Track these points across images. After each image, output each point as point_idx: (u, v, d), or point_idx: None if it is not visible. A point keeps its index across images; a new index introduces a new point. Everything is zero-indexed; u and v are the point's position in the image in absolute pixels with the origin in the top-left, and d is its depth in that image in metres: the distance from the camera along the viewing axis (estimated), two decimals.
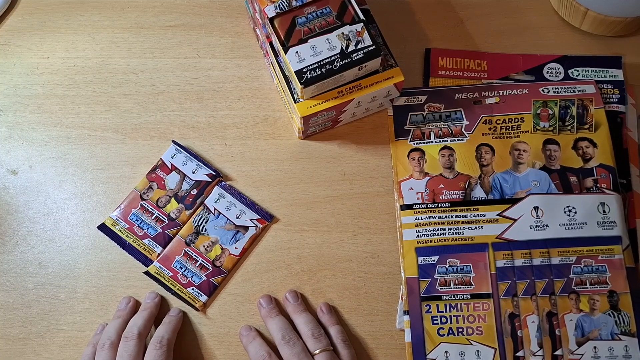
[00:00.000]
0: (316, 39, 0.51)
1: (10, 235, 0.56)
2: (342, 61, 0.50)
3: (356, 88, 0.53)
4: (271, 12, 0.52)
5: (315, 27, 0.51)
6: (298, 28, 0.51)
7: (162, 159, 0.57)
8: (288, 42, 0.51)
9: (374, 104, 0.57)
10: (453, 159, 0.56)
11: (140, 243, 0.54)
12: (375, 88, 0.53)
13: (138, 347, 0.48)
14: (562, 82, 0.58)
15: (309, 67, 0.50)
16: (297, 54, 0.51)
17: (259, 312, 0.52)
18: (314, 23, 0.52)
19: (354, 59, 0.50)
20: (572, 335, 0.50)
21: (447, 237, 0.53)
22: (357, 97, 0.53)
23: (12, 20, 0.65)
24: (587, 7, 0.59)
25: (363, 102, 0.55)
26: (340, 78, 0.51)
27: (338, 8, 0.52)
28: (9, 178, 0.58)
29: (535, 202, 0.53)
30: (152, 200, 0.56)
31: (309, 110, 0.52)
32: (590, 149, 0.55)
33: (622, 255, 0.52)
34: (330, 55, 0.50)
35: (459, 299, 0.51)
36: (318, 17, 0.52)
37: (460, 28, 0.63)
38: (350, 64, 0.50)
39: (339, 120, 0.57)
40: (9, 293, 0.54)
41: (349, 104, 0.53)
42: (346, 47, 0.51)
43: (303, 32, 0.51)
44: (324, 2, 0.52)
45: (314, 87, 0.50)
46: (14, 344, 0.52)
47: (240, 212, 0.55)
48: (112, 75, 0.62)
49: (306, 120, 0.53)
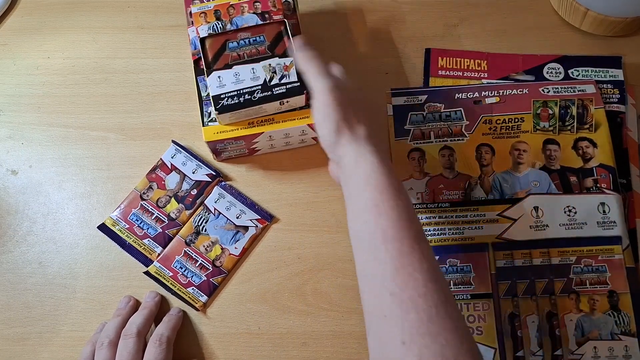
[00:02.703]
0: (241, 66, 0.50)
1: (10, 235, 0.56)
2: (262, 93, 0.50)
3: (268, 122, 0.52)
4: (204, 32, 0.52)
5: (245, 54, 0.51)
6: (227, 52, 0.51)
7: (162, 159, 0.57)
8: (214, 64, 0.50)
9: (294, 140, 0.55)
10: (453, 159, 0.56)
11: (140, 243, 0.54)
12: (288, 125, 0.52)
13: (137, 345, 0.48)
14: (562, 82, 0.58)
15: (228, 94, 0.50)
16: (218, 78, 0.50)
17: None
18: (245, 50, 0.51)
19: (274, 93, 0.50)
20: (572, 336, 0.50)
21: (447, 237, 0.53)
22: (266, 131, 0.51)
23: (12, 20, 0.65)
24: (587, 7, 0.59)
25: (276, 137, 0.54)
26: (260, 110, 0.50)
27: (273, 38, 0.51)
28: (9, 178, 0.58)
29: (535, 202, 0.53)
30: (152, 200, 0.56)
31: (215, 136, 0.51)
32: (590, 149, 0.55)
33: (622, 255, 0.52)
34: (251, 85, 0.50)
35: (459, 299, 0.51)
36: (250, 44, 0.51)
37: (460, 28, 0.63)
38: (271, 97, 0.50)
39: (256, 149, 0.56)
40: (9, 293, 0.54)
41: (259, 136, 0.52)
42: (270, 79, 0.50)
43: (231, 57, 0.51)
44: (260, 30, 0.52)
45: (229, 115, 0.50)
46: (14, 344, 0.52)
47: (240, 212, 0.55)
48: (112, 75, 0.62)
49: (212, 145, 0.53)
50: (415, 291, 0.37)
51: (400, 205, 0.41)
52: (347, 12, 0.64)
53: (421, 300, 0.37)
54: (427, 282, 0.38)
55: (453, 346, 0.36)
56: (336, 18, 0.64)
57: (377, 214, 0.40)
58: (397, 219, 0.40)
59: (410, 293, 0.37)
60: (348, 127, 0.45)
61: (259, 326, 0.52)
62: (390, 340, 0.37)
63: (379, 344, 0.38)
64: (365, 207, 0.41)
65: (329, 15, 0.64)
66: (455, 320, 0.37)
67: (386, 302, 0.38)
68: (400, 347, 0.36)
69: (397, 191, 0.41)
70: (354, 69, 0.61)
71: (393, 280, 0.38)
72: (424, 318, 0.36)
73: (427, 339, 0.36)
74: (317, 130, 0.47)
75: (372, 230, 0.40)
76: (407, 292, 0.37)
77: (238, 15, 0.53)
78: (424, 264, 0.38)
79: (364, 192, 0.42)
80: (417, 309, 0.37)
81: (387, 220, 0.40)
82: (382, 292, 0.38)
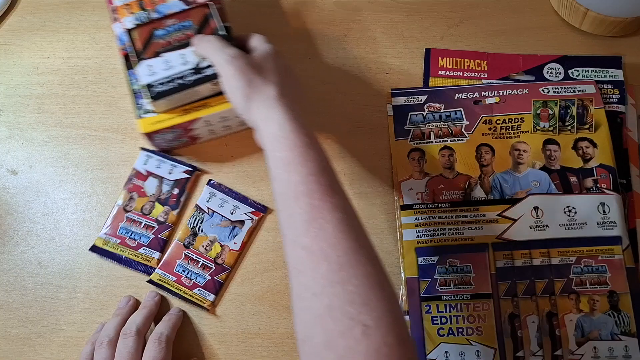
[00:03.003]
0: (171, 53, 0.50)
1: (10, 235, 0.56)
2: (194, 76, 0.50)
3: (203, 107, 0.52)
4: (130, 23, 0.51)
5: (173, 40, 0.51)
6: (155, 41, 0.51)
7: (135, 168, 0.57)
8: (143, 54, 0.50)
9: (233, 122, 0.55)
10: (453, 159, 0.56)
11: (137, 254, 0.54)
12: (222, 107, 0.52)
13: (137, 344, 0.48)
14: (562, 82, 0.58)
15: (160, 81, 0.49)
16: (149, 67, 0.50)
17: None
18: (173, 36, 0.51)
19: (206, 74, 0.50)
20: (572, 336, 0.50)
21: (447, 237, 0.53)
22: (202, 115, 0.51)
23: (12, 20, 0.66)
24: (587, 7, 0.59)
25: (214, 122, 0.53)
26: (194, 93, 0.50)
27: (200, 22, 0.51)
28: (9, 178, 0.58)
29: (535, 202, 0.53)
30: (137, 210, 0.56)
31: (151, 127, 0.51)
32: (590, 149, 0.55)
33: (622, 255, 0.52)
34: (182, 70, 0.50)
35: (459, 299, 0.51)
36: (177, 30, 0.51)
37: (460, 28, 0.63)
38: (203, 79, 0.50)
39: (196, 137, 0.56)
40: (9, 293, 0.54)
41: (196, 122, 0.52)
42: (200, 62, 0.50)
43: (160, 45, 0.51)
44: (186, 15, 0.52)
45: (164, 101, 0.50)
46: (14, 344, 0.52)
47: (233, 208, 0.55)
48: (112, 75, 0.62)
49: (150, 137, 0.52)
50: (325, 242, 0.38)
51: (310, 160, 0.41)
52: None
53: (331, 250, 0.37)
54: (337, 232, 0.38)
55: (362, 292, 0.36)
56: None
57: (288, 171, 0.41)
58: (307, 173, 0.41)
59: (321, 245, 0.38)
60: (256, 91, 0.45)
61: (259, 326, 0.52)
62: (303, 292, 0.38)
63: (296, 299, 0.39)
64: (278, 166, 0.42)
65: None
66: (367, 266, 0.37)
67: (300, 256, 0.39)
68: (311, 299, 0.37)
69: (306, 147, 0.42)
70: (354, 69, 0.61)
71: (305, 234, 0.39)
72: (335, 268, 0.37)
73: (337, 288, 0.36)
74: (231, 102, 0.47)
75: (285, 188, 0.41)
76: (318, 244, 0.38)
77: (162, 3, 0.53)
78: (335, 214, 0.39)
79: (276, 152, 0.43)
80: (329, 260, 0.37)
81: (297, 176, 0.41)
82: (295, 248, 0.39)
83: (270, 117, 0.44)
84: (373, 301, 0.36)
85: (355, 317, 0.35)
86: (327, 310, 0.36)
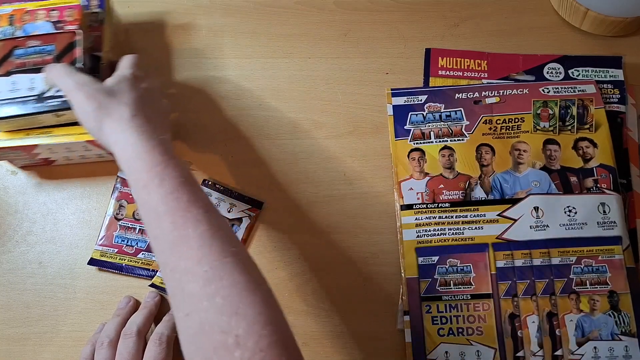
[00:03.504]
0: (21, 75, 0.49)
1: (10, 235, 0.56)
2: (35, 104, 0.49)
3: (45, 134, 0.51)
4: None
5: (29, 62, 0.50)
6: (12, 59, 0.50)
7: (119, 176, 0.57)
8: None
9: (89, 154, 0.54)
10: (453, 159, 0.56)
11: (136, 259, 0.54)
12: (66, 139, 0.51)
13: (137, 345, 0.48)
14: (562, 82, 0.58)
15: (1, 101, 0.49)
16: None
17: None
18: (30, 58, 0.50)
19: (47, 105, 0.49)
20: (572, 336, 0.50)
21: (447, 237, 0.53)
22: (42, 143, 0.51)
23: None
24: (587, 7, 0.59)
25: (59, 150, 0.53)
26: (35, 120, 0.50)
27: (63, 48, 0.50)
28: (9, 178, 0.58)
29: (536, 202, 0.53)
30: (129, 217, 0.55)
31: None
32: (591, 149, 0.55)
33: (622, 255, 0.52)
34: (26, 95, 0.49)
35: (459, 299, 0.51)
36: (37, 53, 0.50)
37: (460, 28, 0.63)
38: (43, 109, 0.49)
39: (50, 160, 0.55)
40: (9, 293, 0.54)
41: (36, 148, 0.51)
42: (46, 91, 0.49)
43: (15, 64, 0.50)
44: (52, 39, 0.51)
45: (3, 122, 0.49)
46: (14, 344, 0.52)
47: (230, 206, 0.55)
48: None
49: None
50: (190, 260, 0.38)
51: (166, 179, 0.41)
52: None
53: (197, 267, 0.37)
54: (201, 246, 0.38)
55: (232, 301, 0.36)
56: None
57: (147, 194, 0.41)
58: (164, 193, 0.40)
59: (187, 263, 0.38)
60: (107, 114, 0.44)
61: None
62: (178, 314, 0.37)
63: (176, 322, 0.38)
64: (137, 188, 0.42)
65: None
66: (235, 274, 0.37)
67: (170, 278, 0.38)
68: (185, 320, 0.37)
69: (162, 165, 0.41)
70: (354, 69, 0.61)
71: (171, 255, 0.38)
72: (203, 283, 0.36)
73: (205, 303, 0.36)
74: (84, 127, 0.47)
75: (147, 211, 0.41)
76: (184, 263, 0.38)
77: (31, 22, 0.52)
78: (198, 228, 0.39)
79: (132, 175, 0.42)
80: (196, 277, 0.37)
81: (156, 196, 0.40)
82: (165, 271, 0.39)
83: (124, 139, 0.43)
84: (242, 308, 0.35)
85: (226, 329, 0.34)
86: (200, 328, 0.35)
